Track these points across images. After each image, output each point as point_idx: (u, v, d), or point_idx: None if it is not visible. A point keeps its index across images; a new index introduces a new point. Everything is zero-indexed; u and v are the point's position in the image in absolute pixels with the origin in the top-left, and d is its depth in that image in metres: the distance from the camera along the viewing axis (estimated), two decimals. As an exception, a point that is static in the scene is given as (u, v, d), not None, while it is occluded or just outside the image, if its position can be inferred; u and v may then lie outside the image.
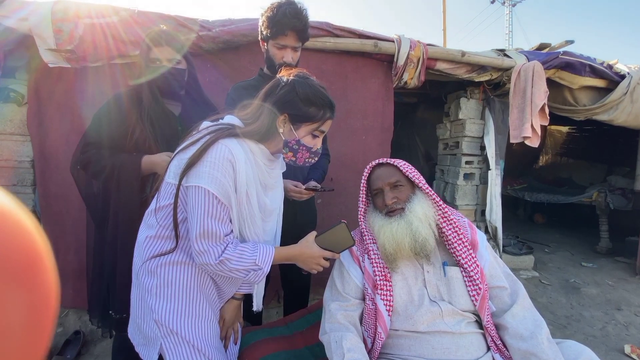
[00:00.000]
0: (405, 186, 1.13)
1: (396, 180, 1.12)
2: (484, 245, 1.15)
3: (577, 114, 2.87)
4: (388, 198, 1.10)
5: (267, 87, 0.98)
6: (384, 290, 1.04)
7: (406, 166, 1.14)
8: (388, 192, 1.11)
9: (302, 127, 0.96)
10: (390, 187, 1.12)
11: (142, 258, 0.96)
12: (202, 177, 0.86)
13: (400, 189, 1.12)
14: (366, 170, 1.19)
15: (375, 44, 2.25)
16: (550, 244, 4.02)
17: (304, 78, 0.97)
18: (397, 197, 1.11)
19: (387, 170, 1.15)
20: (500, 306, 1.08)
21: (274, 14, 1.32)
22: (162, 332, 0.91)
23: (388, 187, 1.12)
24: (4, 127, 2.08)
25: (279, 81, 0.97)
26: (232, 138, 0.90)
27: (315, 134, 0.99)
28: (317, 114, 0.96)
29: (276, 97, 0.95)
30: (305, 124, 0.96)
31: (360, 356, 0.93)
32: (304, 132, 0.97)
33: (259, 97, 0.98)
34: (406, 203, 1.10)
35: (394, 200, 1.10)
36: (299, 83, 0.95)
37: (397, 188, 1.12)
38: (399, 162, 1.15)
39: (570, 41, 2.73)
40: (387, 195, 1.11)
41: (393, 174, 1.13)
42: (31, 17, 1.74)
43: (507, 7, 17.19)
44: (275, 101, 0.95)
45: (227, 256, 0.88)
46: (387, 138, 2.50)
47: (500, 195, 3.03)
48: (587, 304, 2.56)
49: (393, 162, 1.15)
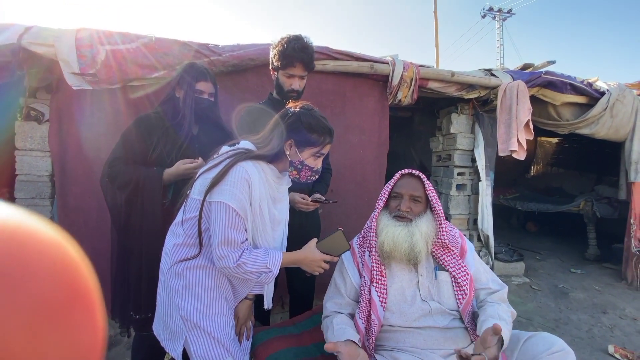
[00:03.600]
0: (422, 203, 1.26)
1: (418, 195, 1.25)
2: (472, 254, 1.30)
3: (561, 128, 3.06)
4: (404, 205, 1.24)
5: (277, 116, 1.15)
6: (378, 284, 1.20)
7: (430, 186, 1.26)
8: (406, 201, 1.24)
9: (306, 150, 1.13)
10: (410, 197, 1.25)
11: (170, 262, 1.10)
12: (224, 194, 1.02)
13: (417, 204, 1.25)
14: (397, 175, 1.31)
15: (372, 66, 2.44)
16: (541, 251, 4.17)
17: (308, 110, 1.15)
18: (412, 208, 1.24)
19: (415, 182, 1.27)
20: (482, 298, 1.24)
21: (284, 48, 1.50)
22: (187, 326, 1.06)
23: (408, 196, 1.25)
24: (24, 143, 2.23)
25: (287, 112, 1.15)
26: (248, 161, 1.07)
27: (316, 155, 1.15)
28: (319, 140, 1.13)
29: (284, 125, 1.12)
30: (309, 148, 1.13)
31: (345, 326, 1.12)
32: (307, 155, 1.13)
33: (270, 125, 1.15)
34: (416, 217, 1.23)
35: (408, 210, 1.24)
36: (303, 114, 1.12)
37: (415, 201, 1.25)
38: (426, 179, 1.27)
39: (551, 61, 2.94)
40: (404, 203, 1.24)
41: (417, 189, 1.26)
42: (57, 43, 1.90)
43: (498, 22, 17.77)
44: (284, 129, 1.12)
45: (243, 260, 1.03)
46: (383, 152, 2.67)
47: (492, 204, 3.20)
48: (575, 307, 2.70)
49: (423, 177, 1.27)
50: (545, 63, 2.98)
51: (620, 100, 2.96)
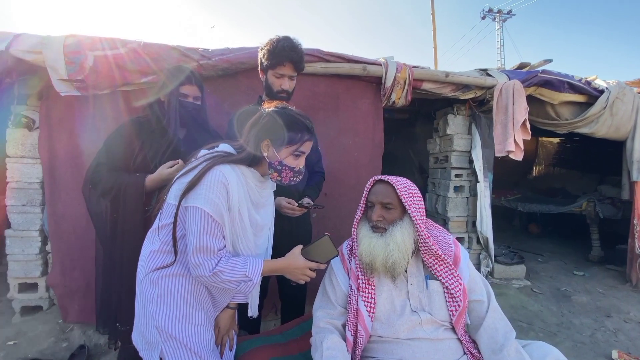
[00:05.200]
0: (395, 209, 1.16)
1: (388, 202, 1.16)
2: (466, 262, 1.22)
3: (560, 128, 3.01)
4: (375, 215, 1.17)
5: (253, 119, 1.12)
6: (365, 293, 1.14)
7: (403, 189, 1.16)
8: (377, 210, 1.18)
9: (283, 149, 1.09)
10: (382, 206, 1.17)
11: (145, 270, 1.07)
12: (199, 198, 0.98)
13: (390, 211, 1.16)
14: (369, 183, 1.25)
15: (364, 67, 2.41)
16: (543, 253, 4.10)
17: (283, 108, 1.11)
18: (384, 217, 1.17)
19: (385, 189, 1.19)
20: (476, 319, 1.16)
21: (273, 47, 1.50)
22: (162, 337, 1.02)
23: (380, 205, 1.17)
24: (15, 150, 2.21)
25: (262, 113, 1.12)
26: (226, 164, 1.03)
27: (296, 154, 1.11)
28: (295, 137, 1.09)
29: (259, 125, 1.09)
30: (286, 146, 1.09)
31: (337, 353, 1.03)
32: (285, 154, 1.09)
33: (246, 127, 1.12)
34: (390, 225, 1.15)
35: (379, 219, 1.17)
36: (278, 112, 1.09)
37: (387, 209, 1.16)
38: (400, 183, 1.17)
39: (548, 60, 2.90)
40: (376, 213, 1.18)
41: (388, 195, 1.17)
42: (45, 50, 1.89)
43: (498, 23, 17.72)
44: (259, 130, 1.09)
45: (220, 268, 0.99)
46: (377, 154, 2.63)
47: (492, 206, 3.14)
48: (578, 311, 2.63)
49: (393, 182, 1.18)
50: (542, 62, 2.94)
51: (620, 99, 2.91)
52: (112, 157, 1.46)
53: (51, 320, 2.17)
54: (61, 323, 2.16)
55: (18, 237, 2.22)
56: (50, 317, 2.21)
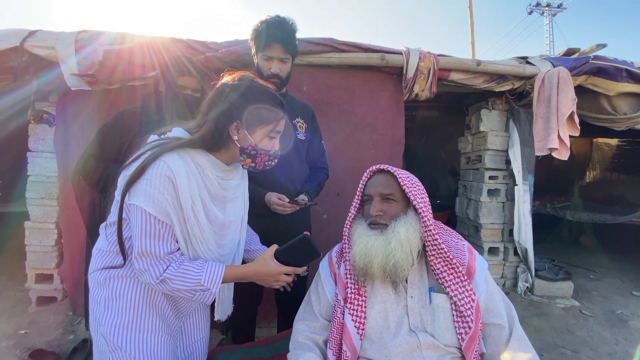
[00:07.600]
0: (398, 202, 1.01)
1: (389, 193, 1.01)
2: (483, 275, 0.99)
3: (617, 124, 2.58)
4: (374, 209, 1.00)
5: (212, 95, 0.95)
6: (354, 305, 0.95)
7: (407, 179, 1.02)
8: (377, 203, 1.01)
9: (257, 130, 0.94)
10: (382, 198, 1.02)
11: (92, 269, 0.96)
12: (139, 195, 0.84)
13: (391, 204, 1.01)
14: (365, 174, 1.09)
15: (382, 57, 2.21)
16: (596, 269, 3.58)
17: (250, 81, 0.95)
18: (385, 211, 1.00)
19: (385, 179, 1.04)
20: (493, 348, 0.93)
21: (259, 27, 1.39)
22: (109, 347, 0.90)
23: (379, 197, 1.02)
24: (36, 145, 2.29)
25: (224, 87, 0.94)
26: (173, 152, 0.87)
27: (271, 135, 0.96)
28: (271, 116, 0.94)
29: (225, 104, 0.91)
30: (260, 127, 0.94)
31: None
32: (260, 136, 0.94)
33: (203, 106, 0.96)
34: (392, 220, 0.99)
35: (379, 214, 1.00)
36: (246, 86, 0.92)
37: (388, 201, 1.01)
38: (402, 173, 1.03)
39: (602, 45, 2.49)
40: (375, 206, 1.01)
41: (389, 185, 1.02)
42: (57, 45, 1.92)
43: (547, 17, 16.40)
44: (224, 109, 0.91)
45: (168, 275, 0.86)
46: (398, 151, 2.41)
47: (535, 214, 2.77)
48: (635, 339, 2.21)
49: (394, 171, 1.03)
50: (594, 47, 2.54)
51: (695, 89, 2.43)
52: (103, 148, 1.44)
53: (62, 312, 2.21)
54: (71, 315, 2.18)
55: (36, 229, 2.29)
56: (62, 308, 2.24)
